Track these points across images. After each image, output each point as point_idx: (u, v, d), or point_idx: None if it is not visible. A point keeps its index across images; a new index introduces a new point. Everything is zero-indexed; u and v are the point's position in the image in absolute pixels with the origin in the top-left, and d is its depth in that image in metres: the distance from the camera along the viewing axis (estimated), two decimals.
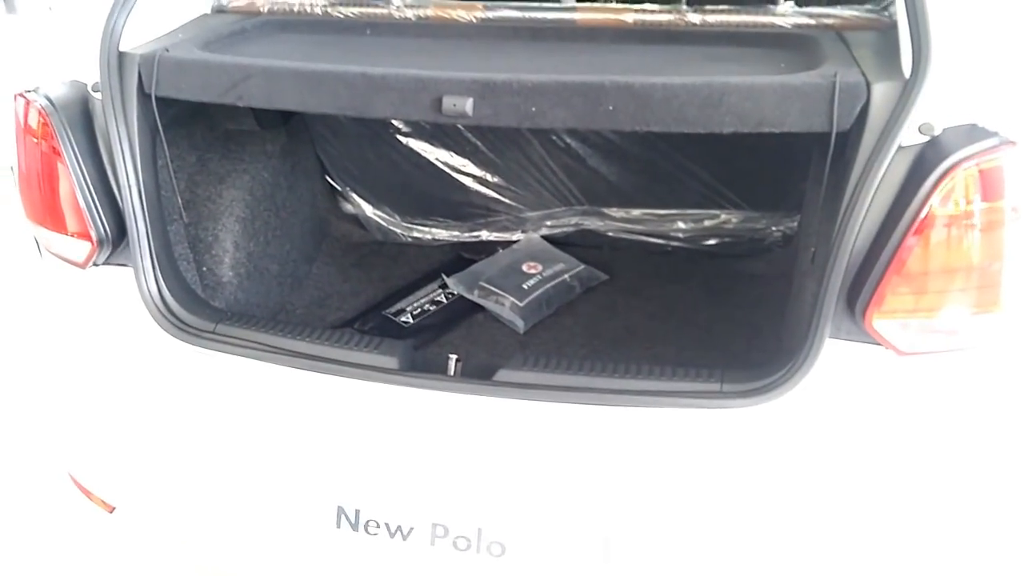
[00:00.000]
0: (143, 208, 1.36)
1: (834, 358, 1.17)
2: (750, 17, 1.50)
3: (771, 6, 1.51)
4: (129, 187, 1.34)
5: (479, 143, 2.04)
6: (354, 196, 2.17)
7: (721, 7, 1.51)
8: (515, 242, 2.12)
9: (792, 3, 1.54)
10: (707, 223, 2.01)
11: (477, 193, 2.11)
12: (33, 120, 1.34)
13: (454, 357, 1.34)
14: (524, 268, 1.96)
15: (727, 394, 1.20)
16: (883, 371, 1.18)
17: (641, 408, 1.22)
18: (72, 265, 1.42)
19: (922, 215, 1.07)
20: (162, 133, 1.41)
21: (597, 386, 1.23)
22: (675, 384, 1.22)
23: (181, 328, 1.38)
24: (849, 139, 1.16)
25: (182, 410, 1.42)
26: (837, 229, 1.13)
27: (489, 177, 2.09)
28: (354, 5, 1.68)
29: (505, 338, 1.80)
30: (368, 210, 2.17)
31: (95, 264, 1.40)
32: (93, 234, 1.35)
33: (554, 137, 2.03)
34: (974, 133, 1.09)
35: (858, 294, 1.12)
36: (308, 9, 1.69)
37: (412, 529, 1.35)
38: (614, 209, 2.06)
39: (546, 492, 1.30)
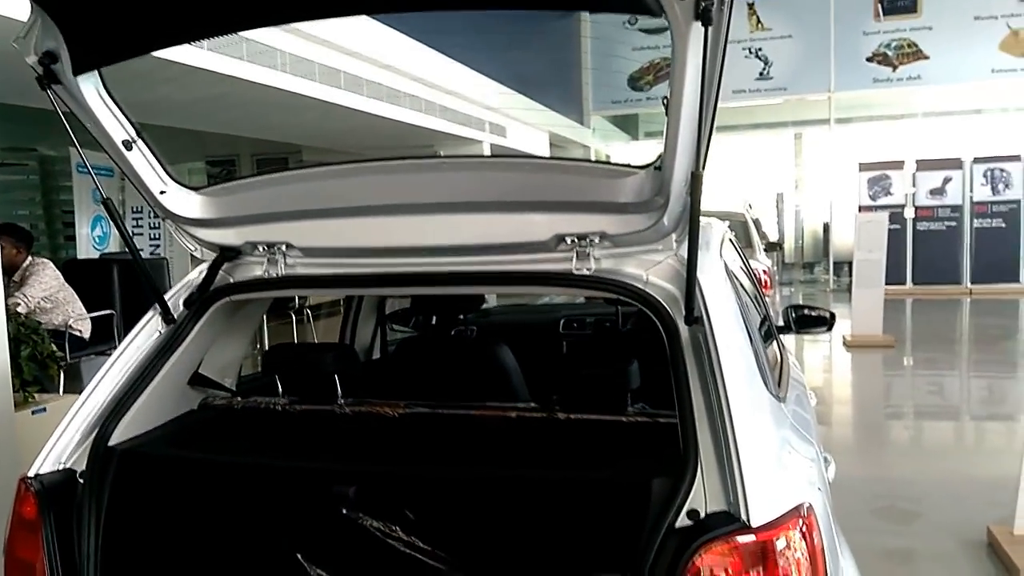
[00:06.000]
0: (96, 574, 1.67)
1: None
2: (603, 416, 1.90)
3: (624, 407, 1.93)
4: (87, 557, 1.67)
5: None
6: None
7: (584, 408, 1.94)
8: None
9: (643, 405, 1.96)
10: None
11: None
12: (25, 502, 1.71)
13: None
14: None
15: None
16: None
17: None
18: None
19: None
20: (129, 513, 1.77)
21: None
22: None
23: None
24: (637, 517, 1.47)
25: None
26: None
27: None
28: (307, 404, 2.16)
29: None
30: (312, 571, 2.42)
31: None
32: None
33: None
34: (727, 519, 1.39)
35: None
36: (272, 407, 2.17)
37: None
38: None
39: None
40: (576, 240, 1.79)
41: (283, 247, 1.99)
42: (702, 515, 1.41)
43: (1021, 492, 3.56)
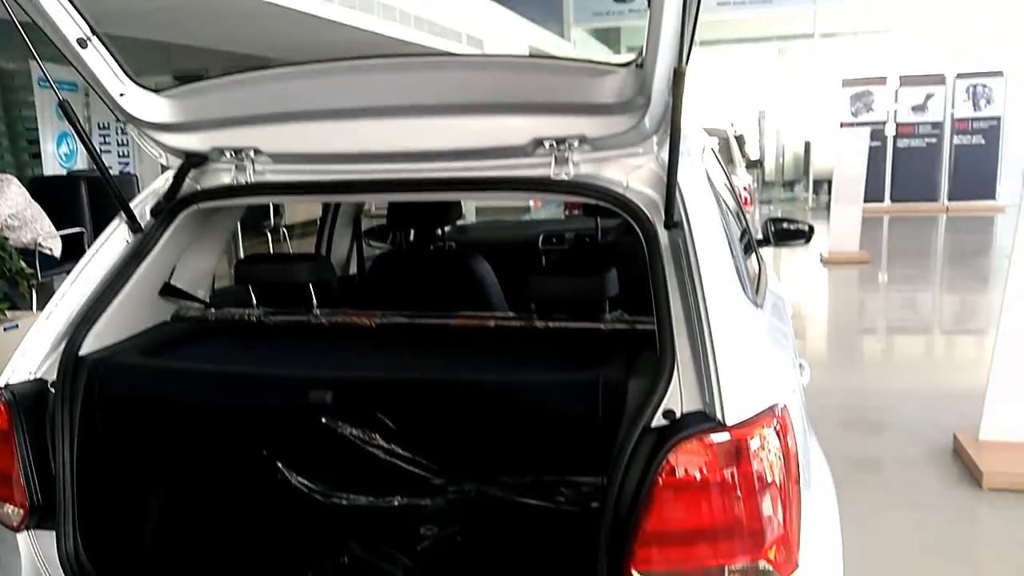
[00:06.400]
0: (72, 483, 1.67)
1: None
2: (581, 324, 1.90)
3: (602, 314, 1.92)
4: (63, 465, 1.66)
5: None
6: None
7: (562, 316, 1.93)
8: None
9: (621, 312, 1.96)
10: (584, 489, 2.26)
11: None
12: None
13: None
14: None
15: None
16: None
17: None
18: (8, 528, 1.70)
19: (660, 481, 1.35)
20: (102, 423, 1.76)
21: None
22: None
23: None
24: (615, 419, 1.48)
25: None
26: (606, 494, 1.41)
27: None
28: (282, 315, 2.13)
29: None
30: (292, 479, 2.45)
31: (27, 528, 1.68)
32: (27, 502, 1.65)
33: None
34: (702, 418, 1.40)
35: (622, 550, 1.37)
36: (247, 318, 2.14)
37: None
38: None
39: None
40: (555, 144, 1.74)
41: (251, 153, 1.92)
42: (678, 415, 1.41)
43: (987, 399, 3.65)
